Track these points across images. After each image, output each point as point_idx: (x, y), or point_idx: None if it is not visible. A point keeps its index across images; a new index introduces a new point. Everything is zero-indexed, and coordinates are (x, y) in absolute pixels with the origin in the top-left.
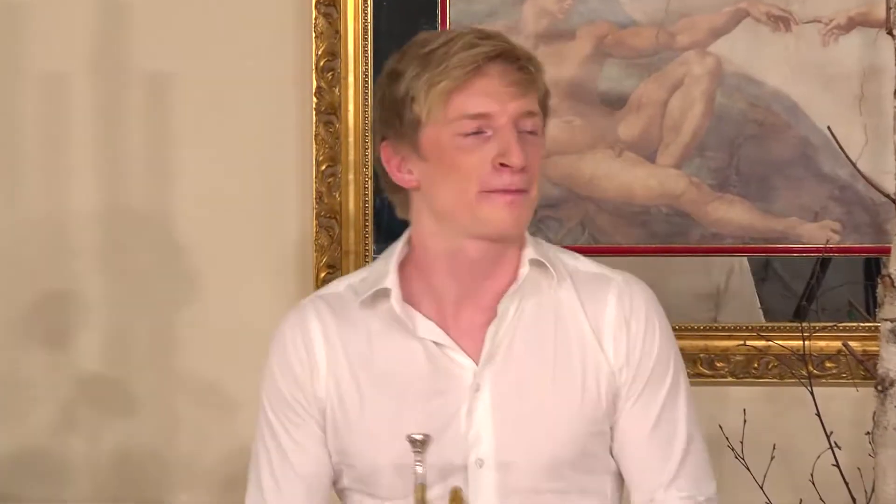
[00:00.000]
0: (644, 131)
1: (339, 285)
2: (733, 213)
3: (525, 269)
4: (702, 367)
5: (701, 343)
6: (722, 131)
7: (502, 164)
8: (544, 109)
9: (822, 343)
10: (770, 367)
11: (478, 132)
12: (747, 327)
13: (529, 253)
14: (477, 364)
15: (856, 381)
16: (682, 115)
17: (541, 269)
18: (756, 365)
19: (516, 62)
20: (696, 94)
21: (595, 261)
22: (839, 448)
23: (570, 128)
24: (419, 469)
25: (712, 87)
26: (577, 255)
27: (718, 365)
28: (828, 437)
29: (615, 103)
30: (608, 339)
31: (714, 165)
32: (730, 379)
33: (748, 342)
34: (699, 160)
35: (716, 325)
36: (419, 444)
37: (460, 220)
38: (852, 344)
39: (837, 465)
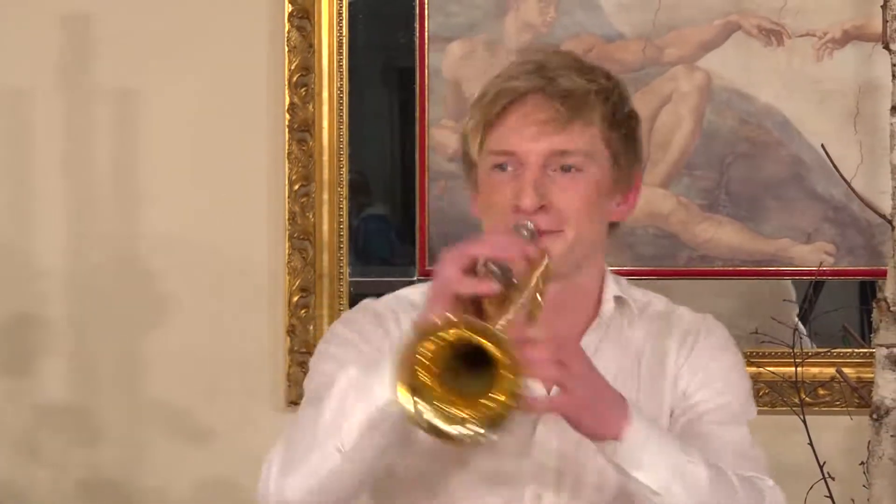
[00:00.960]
0: None
1: (413, 293)
2: (723, 235)
3: (610, 306)
4: None
5: None
6: (711, 149)
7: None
8: (610, 136)
9: (815, 370)
10: (761, 394)
11: (506, 168)
12: None
13: (613, 289)
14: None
15: (850, 409)
16: (670, 132)
17: (619, 306)
18: None
19: (558, 96)
20: (685, 110)
21: (664, 296)
22: (832, 479)
23: None
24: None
25: (702, 104)
26: (646, 290)
27: None
28: (821, 468)
29: None
30: (682, 378)
31: (703, 185)
32: None
33: None
34: (688, 179)
35: None
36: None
37: None
38: (846, 370)
39: (831, 497)
